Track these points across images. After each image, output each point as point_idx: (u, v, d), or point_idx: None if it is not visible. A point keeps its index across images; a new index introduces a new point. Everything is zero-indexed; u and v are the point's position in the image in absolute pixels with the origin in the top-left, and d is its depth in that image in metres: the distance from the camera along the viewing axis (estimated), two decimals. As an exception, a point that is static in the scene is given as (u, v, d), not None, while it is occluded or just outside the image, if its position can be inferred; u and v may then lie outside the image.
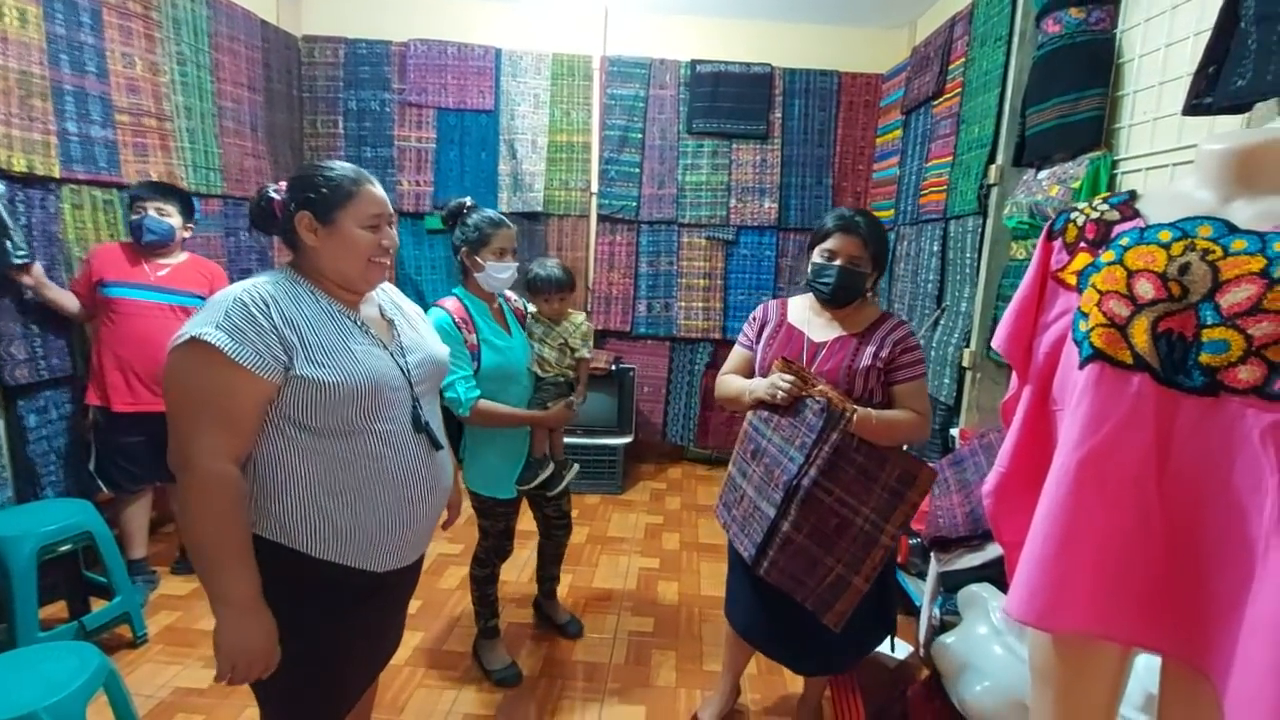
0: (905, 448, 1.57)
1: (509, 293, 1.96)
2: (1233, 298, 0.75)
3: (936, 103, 3.01)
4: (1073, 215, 0.96)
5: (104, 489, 2.31)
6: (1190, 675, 0.85)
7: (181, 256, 2.36)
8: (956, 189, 2.72)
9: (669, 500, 3.48)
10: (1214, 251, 0.78)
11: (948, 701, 1.62)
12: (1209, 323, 0.77)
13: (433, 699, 1.91)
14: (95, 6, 2.44)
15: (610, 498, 3.48)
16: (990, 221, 2.48)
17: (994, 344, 1.02)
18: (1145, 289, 0.81)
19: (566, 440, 2.13)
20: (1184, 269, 0.79)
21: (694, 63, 3.67)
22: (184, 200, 2.36)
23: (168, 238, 2.28)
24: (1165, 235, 0.83)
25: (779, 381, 1.43)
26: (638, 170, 3.74)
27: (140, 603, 2.19)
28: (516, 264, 1.84)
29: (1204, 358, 0.76)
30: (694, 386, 3.88)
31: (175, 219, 2.30)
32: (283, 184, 1.15)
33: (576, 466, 2.01)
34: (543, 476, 1.87)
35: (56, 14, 2.30)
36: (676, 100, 3.70)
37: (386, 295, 1.29)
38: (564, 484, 1.93)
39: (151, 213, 2.23)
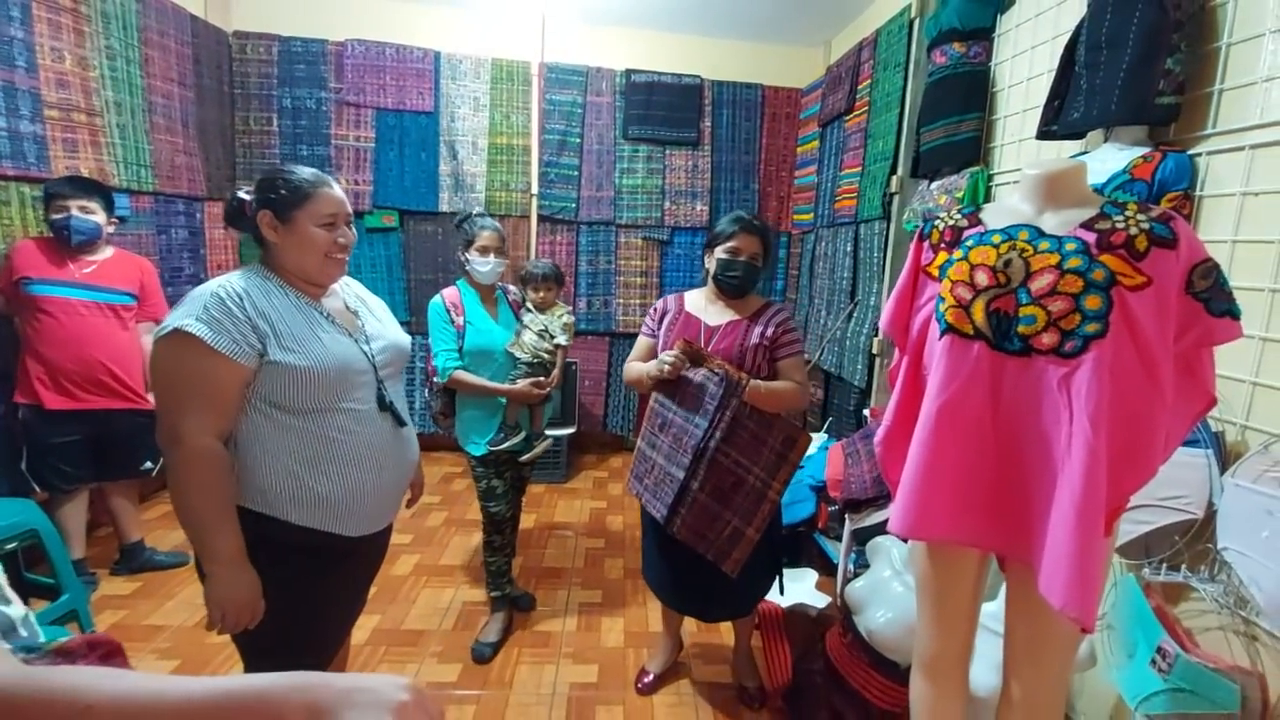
0: (787, 415, 1.83)
1: (511, 287, 2.30)
2: (1038, 284, 1.03)
3: (848, 118, 3.34)
4: (936, 222, 1.22)
5: (37, 489, 2.26)
6: (1022, 572, 1.12)
7: (108, 252, 2.31)
8: (865, 196, 3.05)
9: (611, 487, 3.67)
10: (1027, 250, 1.06)
11: (858, 636, 1.89)
12: (1024, 302, 1.04)
13: (395, 670, 2.03)
14: (25, 0, 2.39)
15: (555, 486, 3.64)
16: (893, 225, 2.81)
17: (880, 325, 1.28)
18: (982, 278, 1.07)
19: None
20: (1008, 263, 1.06)
21: (629, 72, 3.88)
22: (105, 195, 2.30)
23: (95, 236, 2.23)
24: (996, 238, 1.10)
25: (665, 357, 1.66)
26: (576, 173, 3.91)
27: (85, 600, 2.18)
28: (499, 260, 2.11)
29: (1021, 329, 1.03)
30: (633, 379, 4.10)
31: (99, 215, 2.24)
32: (252, 185, 1.27)
33: (549, 441, 2.29)
34: (511, 442, 2.10)
35: (-18, 6, 2.24)
36: (613, 107, 3.90)
37: (350, 289, 1.42)
38: (533, 452, 2.18)
39: (75, 211, 2.18)
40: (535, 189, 3.89)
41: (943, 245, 1.18)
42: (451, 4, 3.67)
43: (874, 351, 2.88)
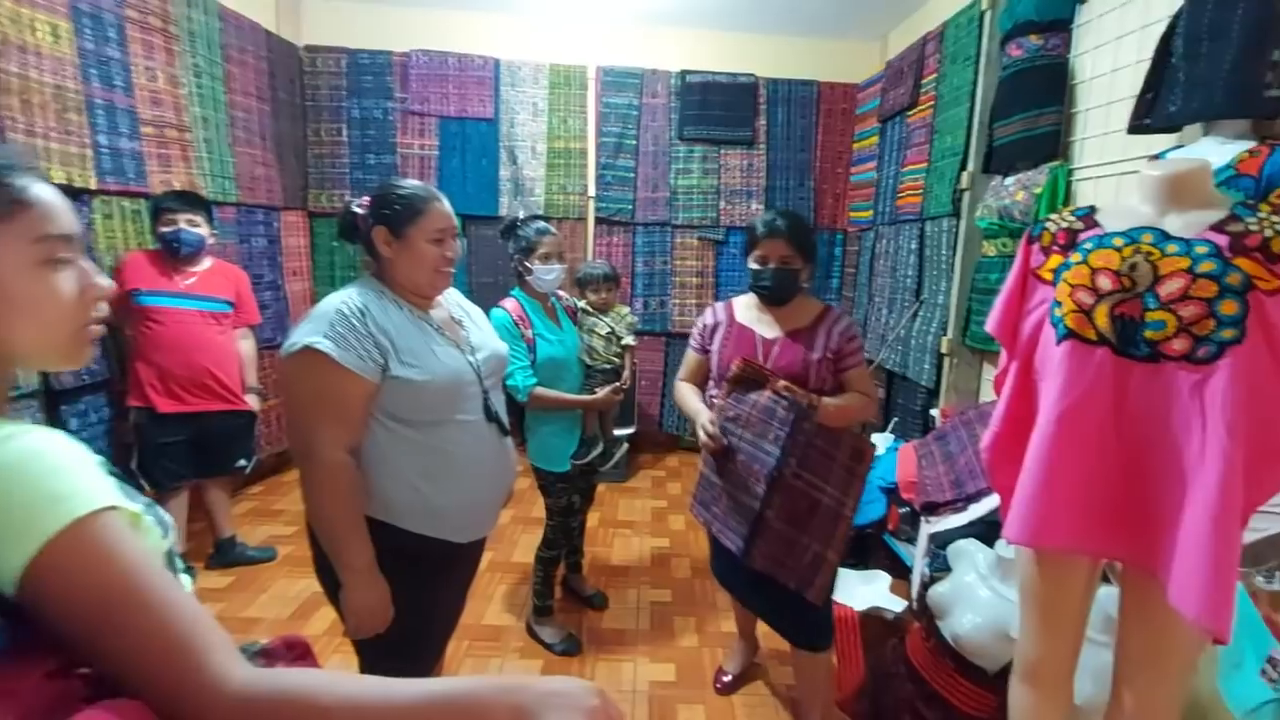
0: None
1: (561, 292, 2.15)
2: (1168, 288, 1.01)
3: (911, 113, 3.28)
4: (1047, 224, 1.20)
5: (146, 486, 2.40)
6: (1143, 581, 1.10)
7: (208, 263, 2.46)
8: (932, 193, 3.00)
9: (670, 486, 3.70)
10: (1154, 253, 1.04)
11: (942, 640, 1.87)
12: (1151, 307, 1.02)
13: (480, 666, 2.10)
14: (119, 21, 2.53)
15: (615, 485, 3.69)
16: (963, 222, 2.76)
17: (987, 328, 1.27)
18: (1104, 282, 1.05)
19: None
20: (1133, 267, 1.04)
21: (684, 73, 3.89)
22: (207, 209, 2.46)
23: (200, 247, 2.38)
24: (1118, 241, 1.08)
25: (704, 433, 1.58)
26: (632, 175, 3.94)
27: (189, 592, 2.31)
28: (562, 265, 2.03)
29: (1148, 334, 1.02)
30: (688, 379, 4.11)
31: (204, 228, 2.39)
32: (365, 199, 1.31)
33: (626, 446, 2.24)
34: (594, 453, 2.08)
35: (85, 29, 2.38)
36: (668, 108, 3.92)
37: (452, 298, 1.46)
38: (614, 460, 2.16)
39: (184, 225, 2.32)
40: (592, 191, 3.94)
41: (1055, 248, 1.16)
42: (511, 12, 3.74)
43: (943, 351, 2.83)
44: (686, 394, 1.77)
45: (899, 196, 3.34)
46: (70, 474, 0.56)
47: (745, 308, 1.73)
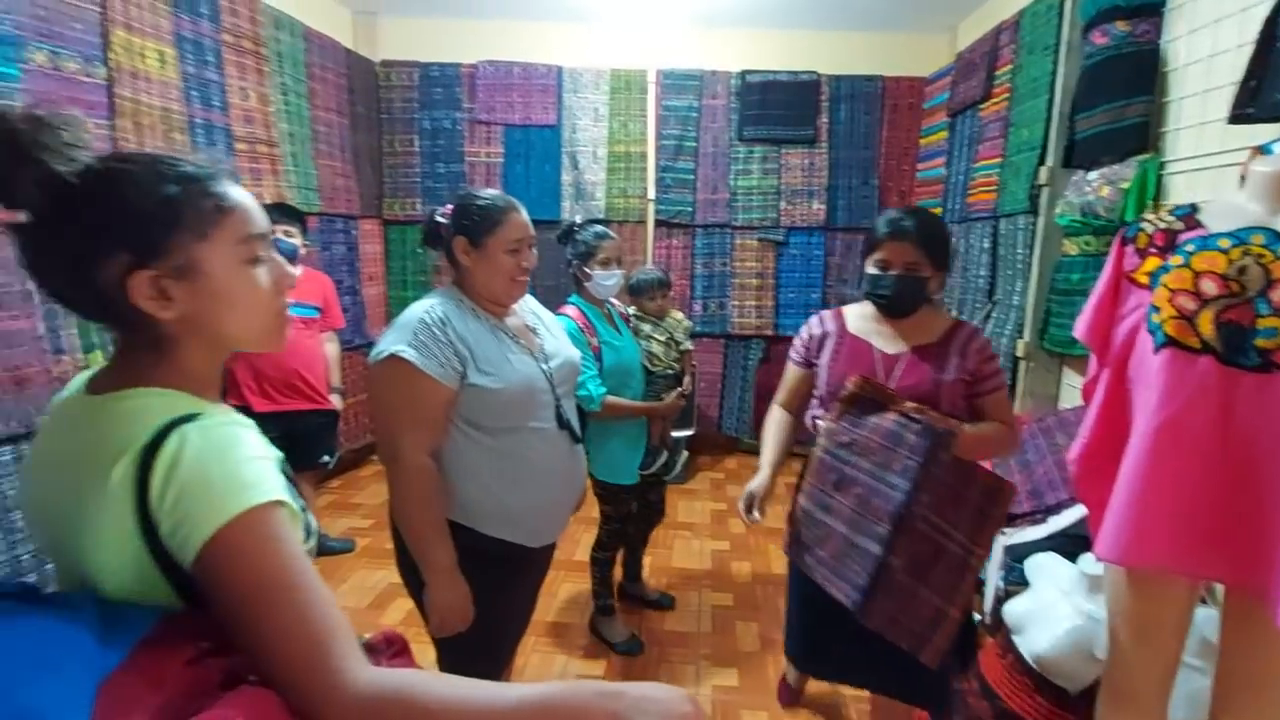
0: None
1: (613, 300, 2.13)
2: (1283, 293, 0.94)
3: (983, 106, 3.16)
4: (1143, 225, 1.14)
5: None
6: (1248, 604, 1.03)
7: (297, 271, 2.61)
8: (1007, 188, 2.88)
9: (729, 489, 3.68)
10: (1265, 256, 0.97)
11: (1020, 657, 1.80)
12: (1263, 313, 0.95)
13: (546, 663, 2.15)
14: (217, 46, 2.72)
15: (675, 487, 3.69)
16: (1041, 219, 2.64)
17: (1075, 333, 1.21)
18: (1209, 287, 1.00)
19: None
20: (1242, 270, 0.98)
21: (744, 73, 3.86)
22: (300, 220, 2.60)
23: (294, 257, 2.52)
24: (1224, 243, 1.01)
25: (748, 514, 1.43)
26: (692, 177, 3.95)
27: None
28: (621, 271, 2.03)
29: (1260, 342, 0.95)
30: (748, 381, 4.09)
31: (298, 239, 2.53)
32: (448, 208, 1.35)
33: (686, 454, 2.21)
34: (660, 462, 2.08)
35: (188, 55, 2.57)
36: (727, 109, 3.90)
37: (527, 305, 1.48)
38: (678, 468, 2.13)
39: (280, 235, 2.45)
40: (652, 194, 3.97)
41: (1152, 250, 1.11)
42: (573, 19, 3.81)
43: (1018, 354, 2.71)
44: (769, 434, 1.56)
45: (970, 193, 3.22)
46: (257, 465, 0.62)
47: (859, 318, 1.50)
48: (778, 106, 3.87)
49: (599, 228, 2.05)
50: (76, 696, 0.50)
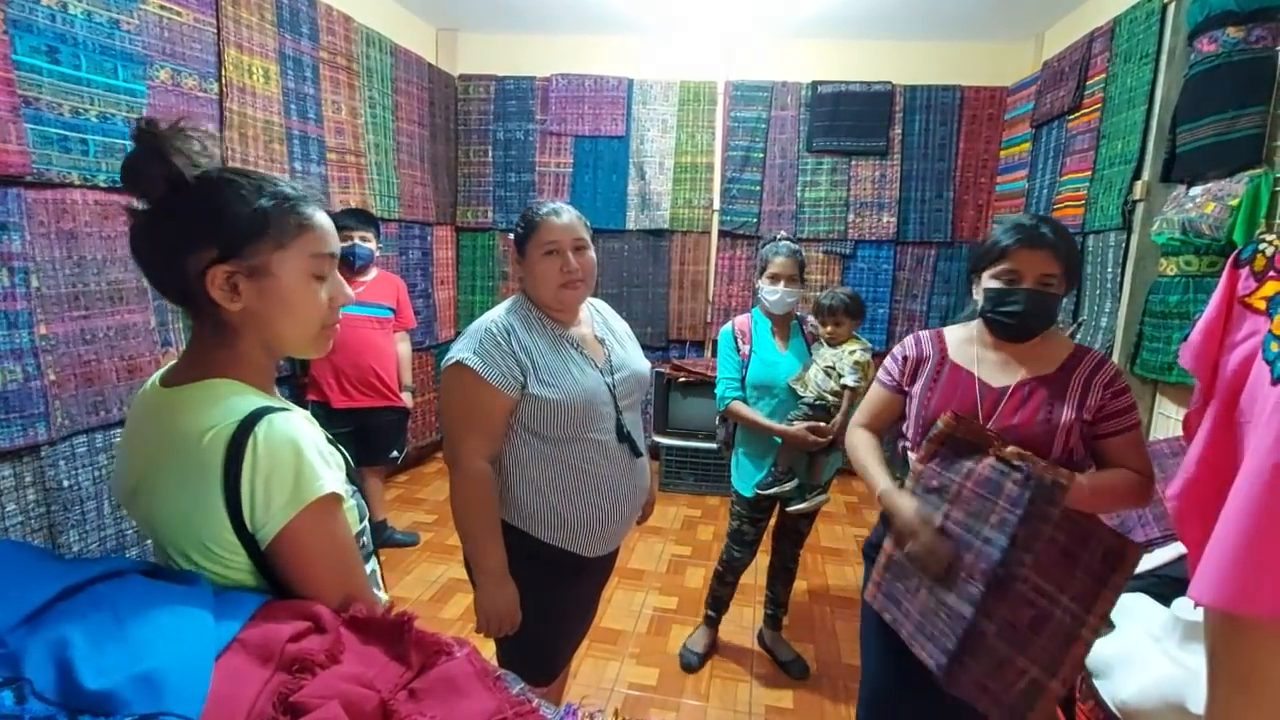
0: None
1: (810, 317, 2.11)
2: None
3: (1072, 117, 3.01)
4: (1261, 245, 1.06)
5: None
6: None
7: (373, 273, 2.75)
8: (1097, 204, 2.73)
9: (866, 513, 3.44)
10: (1406, 283, 0.89)
11: (1101, 703, 1.69)
12: (1401, 346, 0.87)
13: (599, 668, 2.17)
14: (315, 62, 2.90)
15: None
16: (1135, 237, 2.48)
17: (1182, 361, 1.13)
18: (1337, 315, 0.92)
19: (688, 443, 2.25)
20: (1376, 298, 0.90)
21: (815, 84, 3.82)
22: (376, 225, 2.75)
23: (370, 260, 2.68)
24: (1356, 267, 0.93)
25: (921, 535, 1.19)
26: (758, 188, 3.92)
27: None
28: (789, 289, 1.96)
29: (1398, 377, 0.87)
30: (809, 396, 4.00)
31: (372, 243, 2.68)
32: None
33: (826, 497, 2.04)
34: (780, 488, 1.95)
35: (289, 70, 2.76)
36: (797, 120, 3.86)
37: (600, 315, 1.48)
38: (803, 505, 1.97)
39: (357, 240, 2.60)
40: (717, 205, 3.96)
41: (1271, 273, 1.02)
42: (644, 32, 3.86)
43: (1105, 379, 2.55)
44: (867, 454, 1.36)
45: (1055, 208, 3.06)
46: (321, 457, 0.73)
47: (962, 343, 1.33)
48: (849, 117, 3.80)
49: (781, 243, 2.02)
50: (198, 668, 0.55)
